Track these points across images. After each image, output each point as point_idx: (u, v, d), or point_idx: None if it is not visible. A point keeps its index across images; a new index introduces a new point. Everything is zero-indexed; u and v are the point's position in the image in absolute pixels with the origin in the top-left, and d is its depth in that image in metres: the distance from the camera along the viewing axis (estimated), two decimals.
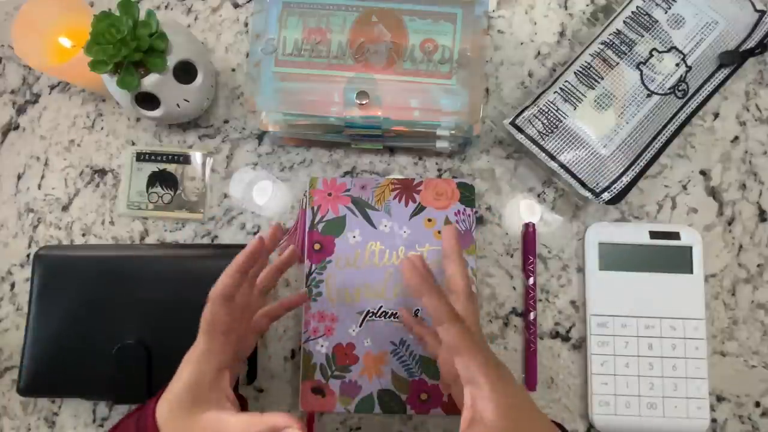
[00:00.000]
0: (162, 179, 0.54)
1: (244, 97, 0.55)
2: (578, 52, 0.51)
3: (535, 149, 0.48)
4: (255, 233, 0.53)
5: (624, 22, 0.49)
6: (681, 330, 0.49)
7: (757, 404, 0.50)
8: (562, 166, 0.48)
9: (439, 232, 0.50)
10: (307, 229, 0.50)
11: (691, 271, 0.50)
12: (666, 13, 0.49)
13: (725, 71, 0.49)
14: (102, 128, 0.56)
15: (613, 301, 0.49)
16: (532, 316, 0.50)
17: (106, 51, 0.44)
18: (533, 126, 0.49)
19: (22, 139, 0.56)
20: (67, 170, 0.55)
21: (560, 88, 0.49)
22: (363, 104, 0.46)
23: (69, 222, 0.54)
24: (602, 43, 0.49)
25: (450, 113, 0.46)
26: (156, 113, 0.49)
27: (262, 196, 0.54)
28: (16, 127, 0.56)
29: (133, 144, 0.55)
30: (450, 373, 0.39)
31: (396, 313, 0.49)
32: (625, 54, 0.48)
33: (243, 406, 0.43)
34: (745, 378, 0.50)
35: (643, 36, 0.49)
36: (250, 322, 0.44)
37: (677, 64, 0.48)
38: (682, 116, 0.48)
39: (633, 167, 0.47)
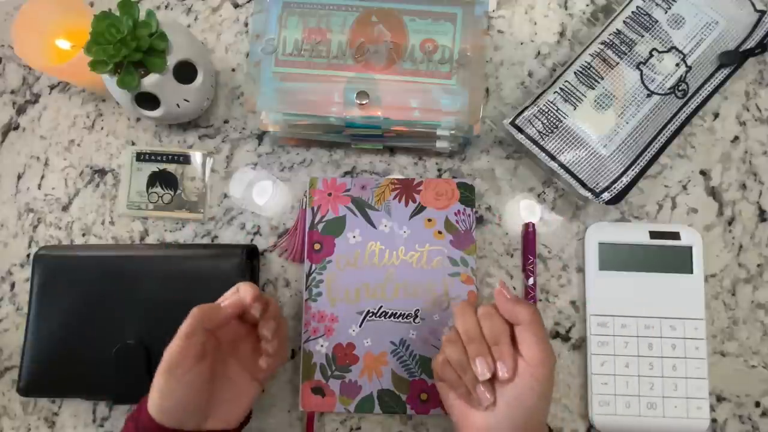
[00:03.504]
0: (162, 179, 0.54)
1: (244, 97, 0.55)
2: (578, 52, 0.50)
3: (535, 149, 0.48)
4: (255, 233, 0.53)
5: (624, 22, 0.49)
6: (681, 330, 0.49)
7: (757, 404, 0.50)
8: (562, 166, 0.48)
9: (440, 232, 0.50)
10: (307, 229, 0.50)
11: (691, 271, 0.50)
12: (666, 13, 0.49)
13: (725, 71, 0.49)
14: (102, 128, 0.56)
15: (613, 301, 0.49)
16: None
17: (106, 51, 0.44)
18: (533, 126, 0.49)
19: (22, 139, 0.56)
20: (67, 170, 0.55)
21: (560, 88, 0.49)
22: (363, 104, 0.46)
23: (69, 222, 0.54)
24: (602, 43, 0.49)
25: (450, 113, 0.46)
26: (156, 113, 0.49)
27: (262, 196, 0.54)
28: (16, 127, 0.56)
29: (133, 144, 0.55)
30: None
31: (396, 313, 0.49)
32: (625, 54, 0.48)
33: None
34: (745, 378, 0.50)
35: (643, 36, 0.48)
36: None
37: (677, 64, 0.48)
38: (682, 116, 0.48)
39: (633, 167, 0.47)
